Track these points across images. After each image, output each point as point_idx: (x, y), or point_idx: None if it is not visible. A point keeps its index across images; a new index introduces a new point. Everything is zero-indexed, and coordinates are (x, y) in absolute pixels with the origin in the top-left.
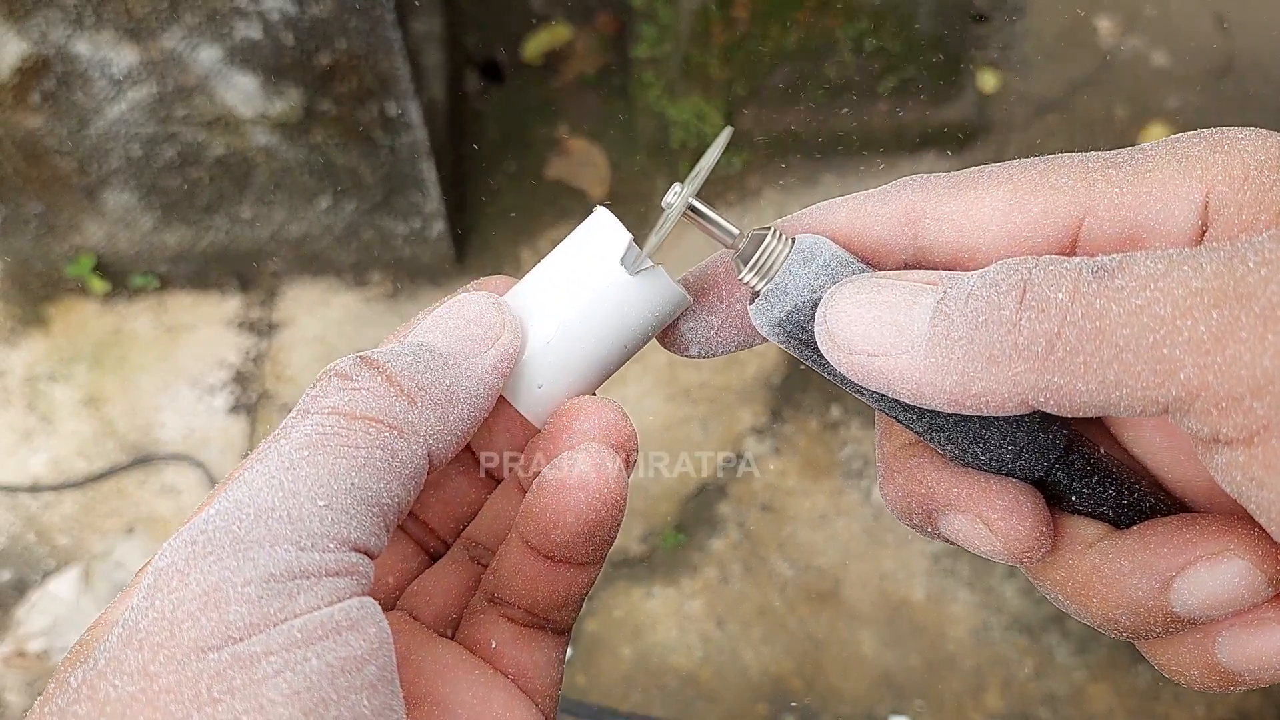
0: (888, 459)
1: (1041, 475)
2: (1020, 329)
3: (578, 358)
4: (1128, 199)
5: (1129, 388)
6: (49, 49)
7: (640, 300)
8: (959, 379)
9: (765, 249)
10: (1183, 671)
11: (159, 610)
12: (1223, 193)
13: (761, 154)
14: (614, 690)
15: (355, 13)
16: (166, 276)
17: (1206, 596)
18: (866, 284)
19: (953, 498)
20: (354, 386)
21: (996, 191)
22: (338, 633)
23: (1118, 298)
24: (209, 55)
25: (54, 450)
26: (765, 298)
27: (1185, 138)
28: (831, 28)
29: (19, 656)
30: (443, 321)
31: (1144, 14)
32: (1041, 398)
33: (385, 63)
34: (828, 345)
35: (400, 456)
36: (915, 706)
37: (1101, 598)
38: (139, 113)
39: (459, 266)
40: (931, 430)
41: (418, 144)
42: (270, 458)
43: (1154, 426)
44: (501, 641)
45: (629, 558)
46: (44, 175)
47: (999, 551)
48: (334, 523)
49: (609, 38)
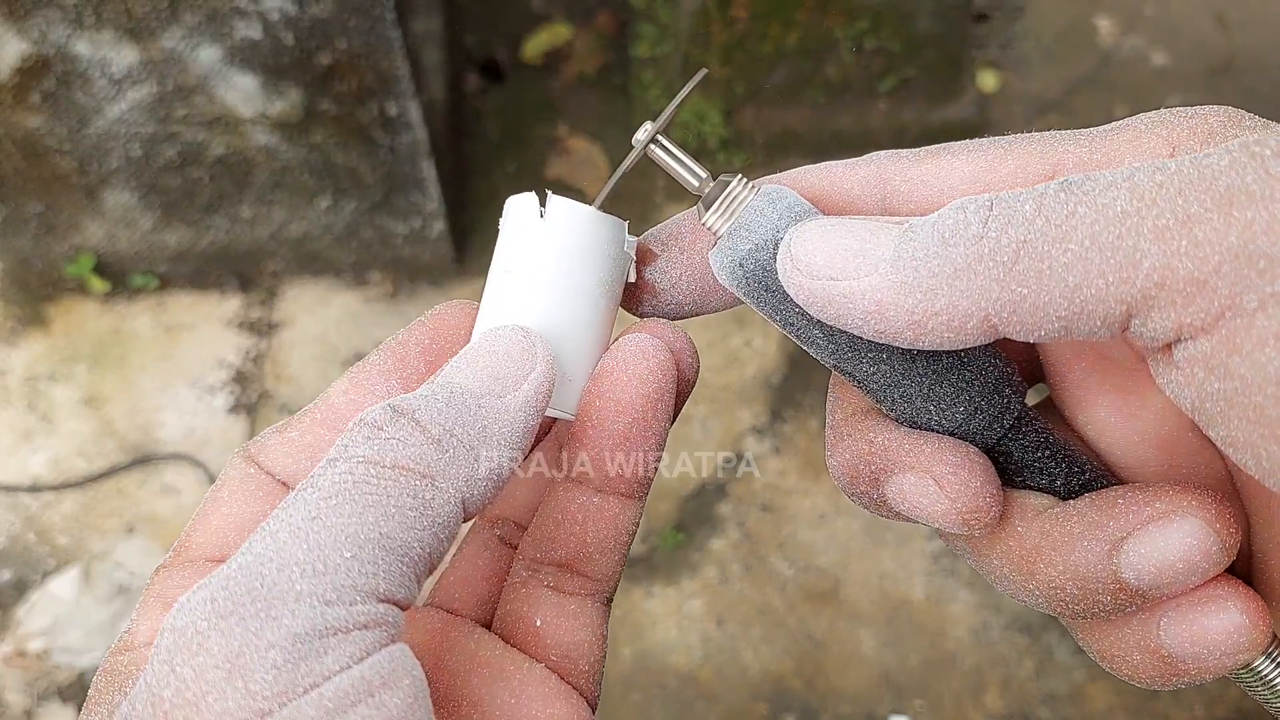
0: (837, 425)
1: (994, 443)
2: (986, 240)
3: (574, 331)
4: (1096, 156)
5: (1093, 290)
6: (49, 49)
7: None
8: (922, 296)
9: (730, 193)
10: (1124, 658)
11: (181, 679)
12: (1189, 146)
13: (761, 154)
14: (614, 690)
15: (355, 13)
16: (166, 276)
17: (1157, 559)
18: (833, 219)
19: (902, 455)
20: (384, 436)
21: (965, 156)
22: (371, 694)
23: (1083, 200)
24: (209, 55)
25: (54, 450)
26: (728, 236)
27: (1150, 112)
28: (831, 28)
29: (19, 656)
30: (475, 359)
31: (1144, 14)
32: (1005, 313)
33: (385, 62)
34: (790, 273)
35: (432, 505)
36: (915, 706)
37: (1049, 564)
38: (139, 112)
39: (459, 266)
40: (885, 385)
41: (418, 144)
42: (296, 508)
43: (1109, 406)
44: (546, 619)
45: (629, 558)
46: (44, 175)
47: (948, 511)
48: (361, 574)
49: (609, 37)
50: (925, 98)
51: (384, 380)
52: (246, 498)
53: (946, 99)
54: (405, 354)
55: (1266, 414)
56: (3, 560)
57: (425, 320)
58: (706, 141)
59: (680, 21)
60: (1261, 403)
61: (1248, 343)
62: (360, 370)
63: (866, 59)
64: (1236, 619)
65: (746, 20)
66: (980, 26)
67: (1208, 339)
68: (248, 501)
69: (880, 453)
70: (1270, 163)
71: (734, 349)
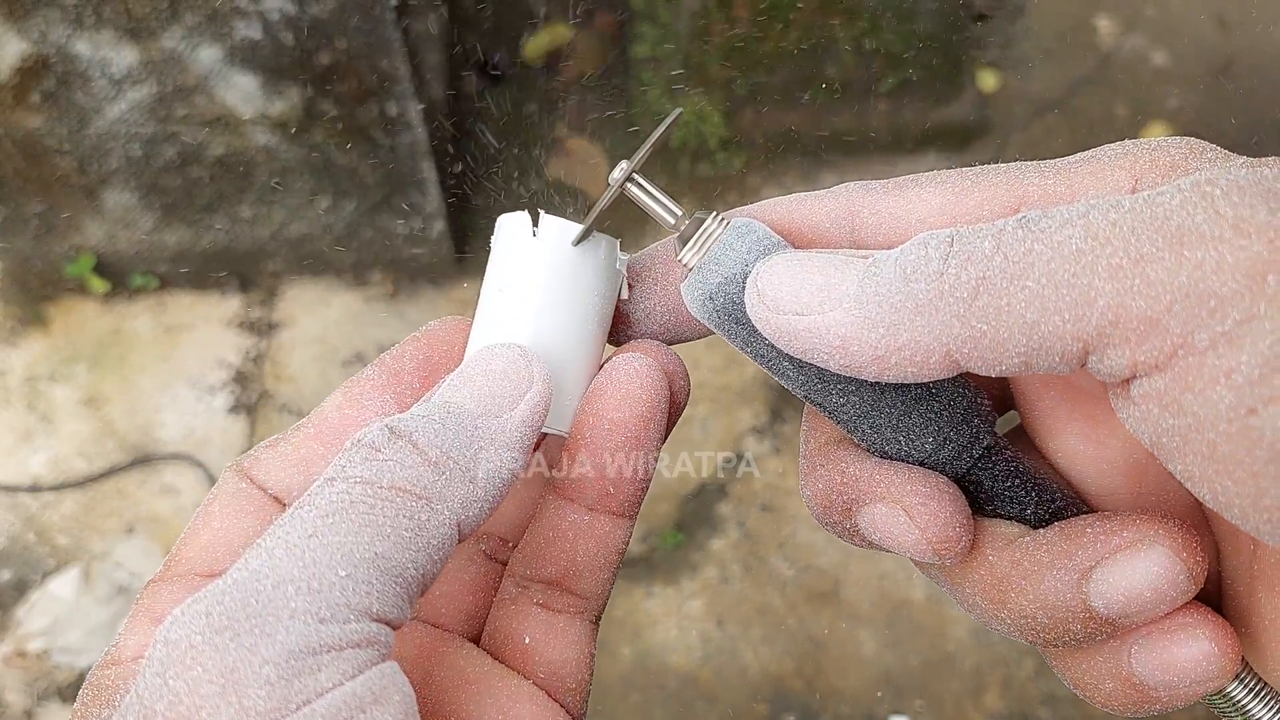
0: (810, 455)
1: (963, 472)
2: (946, 277)
3: (567, 349)
4: (1060, 188)
5: (1050, 327)
6: (49, 49)
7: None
8: (885, 331)
9: (705, 229)
10: (1096, 686)
11: (174, 692)
12: (1150, 180)
13: (761, 154)
14: (614, 690)
15: (355, 13)
16: (166, 276)
17: (1126, 587)
18: (800, 253)
19: (873, 486)
20: (382, 458)
21: (932, 189)
22: (362, 710)
23: (1040, 237)
24: (209, 55)
25: (54, 450)
26: (698, 270)
27: (1114, 144)
28: (831, 28)
29: (19, 656)
30: (471, 378)
31: (1144, 14)
32: (966, 349)
33: (385, 63)
34: (756, 307)
35: (427, 527)
36: (915, 706)
37: (1019, 593)
38: (139, 113)
39: (459, 266)
40: (855, 416)
41: (418, 144)
42: (293, 525)
43: (1079, 434)
44: (535, 636)
45: (629, 558)
46: (44, 175)
47: (918, 542)
48: (355, 593)
49: (609, 38)
50: (925, 98)
51: (378, 395)
52: (238, 513)
53: (946, 99)
54: (400, 369)
55: (1219, 450)
56: (3, 560)
57: (419, 336)
58: (706, 141)
59: (680, 21)
60: (1214, 439)
61: (1199, 381)
62: (355, 385)
63: (866, 59)
64: (1206, 647)
65: (746, 20)
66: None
67: (1161, 376)
68: (239, 517)
69: (852, 483)
70: (1219, 202)
71: (734, 349)
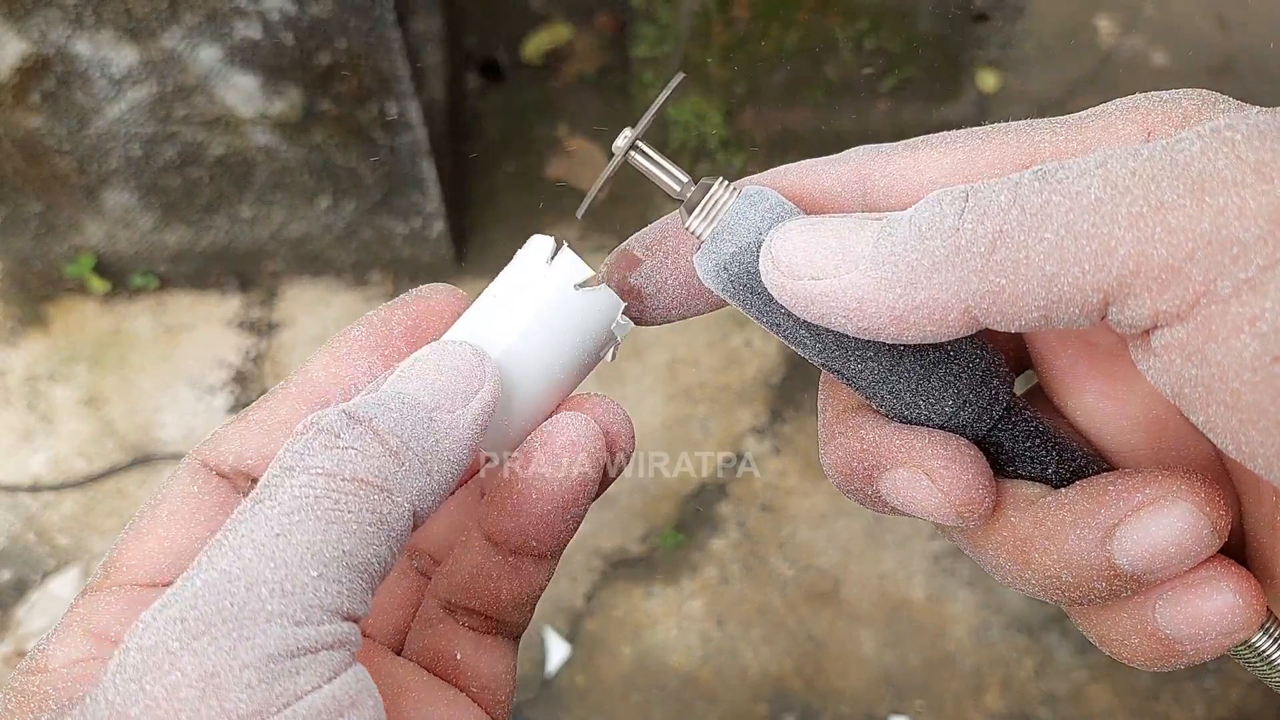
0: (829, 423)
1: (983, 434)
2: (962, 232)
3: (530, 382)
4: (1072, 144)
5: (1069, 279)
6: (49, 49)
7: (583, 314)
8: (902, 290)
9: (711, 197)
10: (1123, 642)
11: (152, 697)
12: (1163, 131)
13: (761, 154)
14: (614, 690)
15: (355, 13)
16: (166, 276)
17: (1149, 544)
18: (812, 218)
19: (894, 451)
20: (342, 445)
21: (944, 149)
22: (340, 713)
23: (1058, 188)
24: (209, 55)
25: (54, 450)
26: (711, 240)
27: (1126, 98)
28: (831, 28)
29: (19, 656)
30: (424, 372)
31: (1144, 14)
32: (985, 304)
33: (385, 63)
34: (771, 274)
35: (389, 520)
36: (915, 706)
37: (1043, 552)
38: (139, 113)
39: (459, 266)
40: (873, 381)
41: (418, 144)
42: (257, 523)
43: (1097, 391)
44: (466, 654)
45: (629, 558)
46: (44, 175)
47: (941, 505)
48: (327, 593)
49: (609, 38)
50: (925, 98)
51: (365, 355)
52: (188, 517)
53: (946, 99)
54: (388, 331)
55: (1243, 399)
56: (3, 560)
57: (408, 300)
58: (706, 141)
59: (680, 21)
60: (1238, 388)
61: (1223, 329)
62: (341, 342)
63: (866, 59)
64: (1230, 599)
65: (746, 20)
66: (980, 26)
67: (1184, 326)
68: (188, 523)
69: (872, 449)
70: (1241, 147)
71: (734, 349)
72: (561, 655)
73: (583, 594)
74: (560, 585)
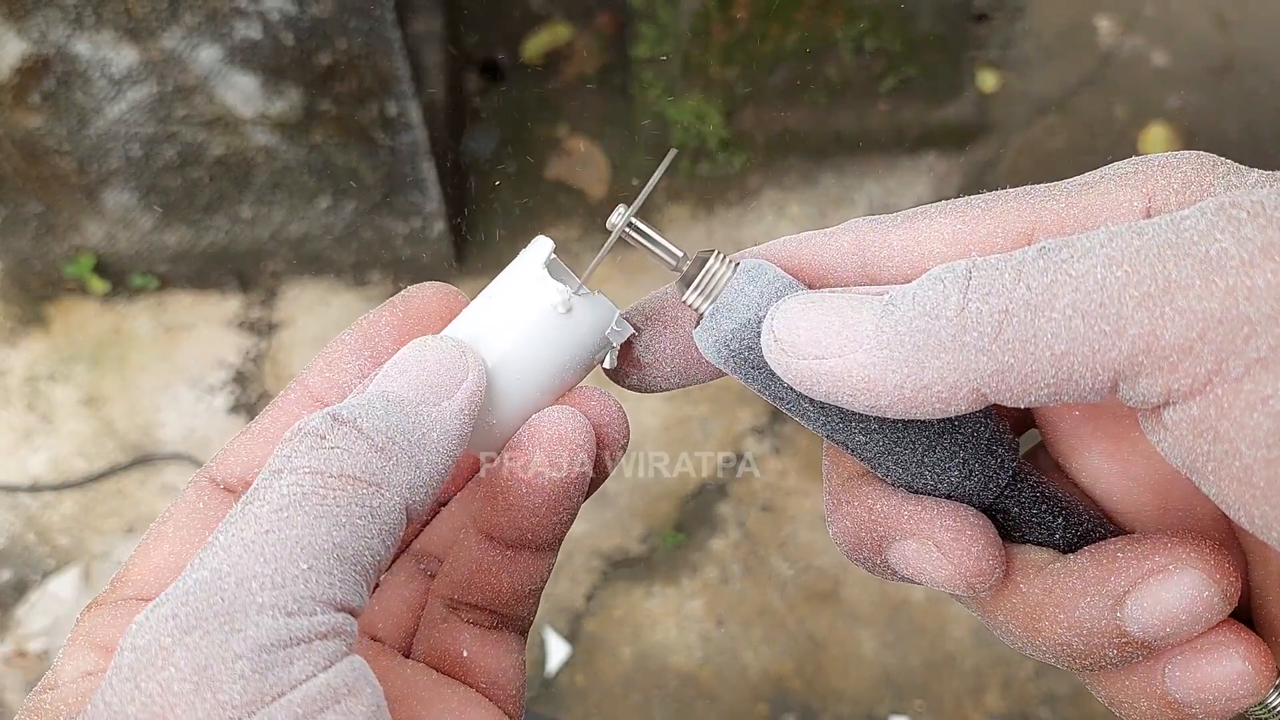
0: (835, 491)
1: (990, 501)
2: (968, 312)
3: (522, 387)
4: (1073, 212)
5: (1079, 357)
6: (49, 49)
7: (577, 324)
8: (909, 370)
9: (709, 270)
10: (1133, 705)
11: (147, 694)
12: (1164, 198)
13: (761, 154)
14: (614, 690)
15: (355, 13)
16: (166, 276)
17: (1160, 612)
18: (813, 294)
19: (902, 522)
20: (328, 445)
21: (943, 219)
22: (337, 701)
23: (1063, 268)
24: (209, 55)
25: (54, 450)
26: (710, 317)
27: (1124, 161)
28: (831, 28)
29: (19, 656)
30: (406, 369)
31: (1144, 14)
32: (993, 383)
33: (385, 63)
34: (774, 353)
35: (379, 512)
36: (915, 706)
37: (1053, 620)
38: (139, 113)
39: (459, 266)
40: (879, 453)
41: (418, 144)
42: (246, 522)
43: (1102, 453)
44: (472, 650)
45: (629, 558)
46: (44, 175)
47: (951, 576)
48: (319, 584)
49: (609, 38)
50: (925, 98)
51: (356, 359)
52: (195, 532)
53: (946, 99)
54: (376, 333)
55: (1255, 475)
56: (3, 560)
57: (396, 302)
58: (706, 142)
59: (680, 21)
60: (1251, 465)
61: (1235, 407)
62: (333, 348)
63: (866, 59)
64: (1239, 666)
65: (746, 20)
66: (980, 26)
67: (1196, 403)
68: (193, 539)
69: (880, 520)
70: (1247, 227)
71: None
72: (561, 655)
73: (583, 594)
74: (560, 585)
